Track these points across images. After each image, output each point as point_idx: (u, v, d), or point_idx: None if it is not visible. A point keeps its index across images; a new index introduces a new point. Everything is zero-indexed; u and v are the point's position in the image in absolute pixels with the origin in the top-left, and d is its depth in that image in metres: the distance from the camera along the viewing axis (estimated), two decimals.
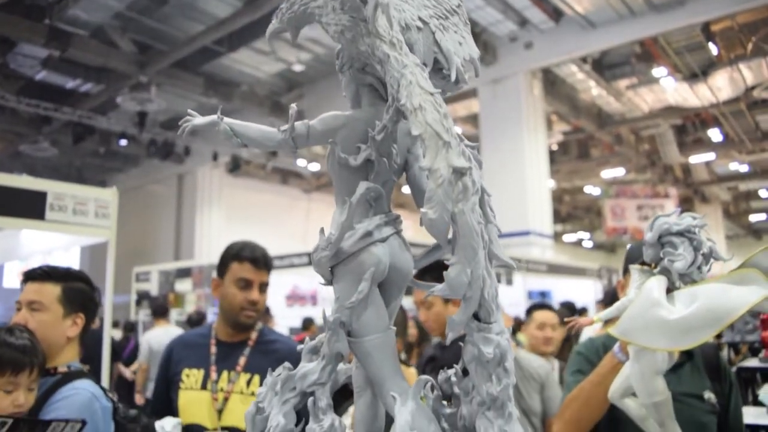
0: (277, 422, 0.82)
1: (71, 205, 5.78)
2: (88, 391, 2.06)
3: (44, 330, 2.10)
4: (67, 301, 2.14)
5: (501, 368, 0.85)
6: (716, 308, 1.34)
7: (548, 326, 4.03)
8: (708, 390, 2.02)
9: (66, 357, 2.19)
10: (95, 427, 2.01)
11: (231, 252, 2.58)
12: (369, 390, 0.92)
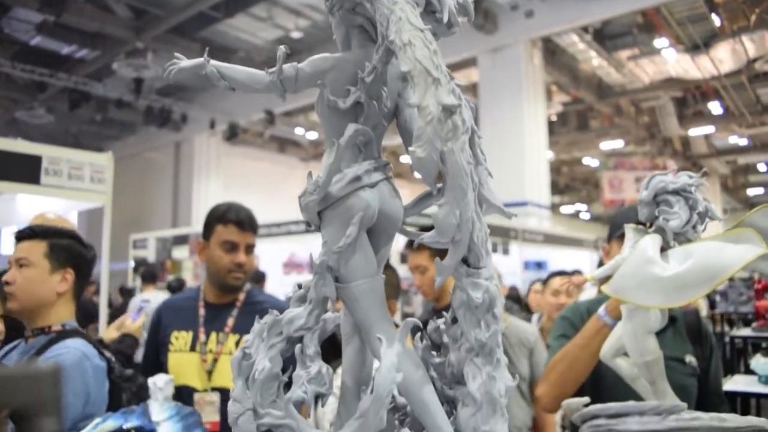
0: (262, 366, 0.81)
1: (66, 169, 5.75)
2: (79, 350, 2.04)
3: (32, 285, 2.10)
4: (53, 257, 2.14)
5: (490, 314, 0.84)
6: (711, 265, 1.33)
7: (563, 293, 4.04)
8: (689, 354, 2.05)
9: (60, 315, 2.18)
10: (85, 385, 1.99)
11: (215, 214, 2.57)
12: (357, 337, 0.92)
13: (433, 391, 0.83)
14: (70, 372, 1.96)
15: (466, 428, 0.82)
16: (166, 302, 2.83)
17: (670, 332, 2.09)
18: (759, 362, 3.21)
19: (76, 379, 1.98)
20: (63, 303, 2.19)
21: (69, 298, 2.21)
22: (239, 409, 0.80)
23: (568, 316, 2.27)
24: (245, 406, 0.79)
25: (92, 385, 2.01)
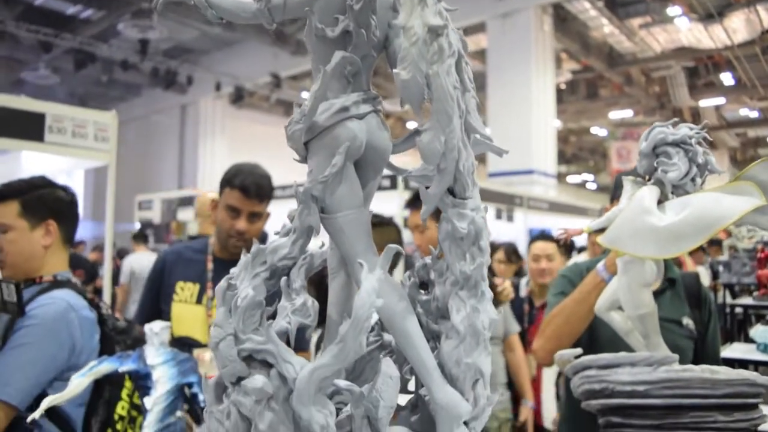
0: (245, 294, 0.81)
1: (70, 127, 5.75)
2: (65, 300, 1.98)
3: (15, 248, 2.07)
4: (28, 214, 2.09)
5: (476, 247, 0.83)
6: (707, 215, 1.32)
7: (543, 257, 4.03)
8: (687, 316, 2.05)
9: (51, 266, 2.13)
10: (71, 336, 1.95)
11: (226, 176, 2.54)
12: (343, 271, 0.91)
13: (417, 324, 0.83)
14: (55, 322, 1.92)
15: (448, 360, 0.82)
16: (171, 250, 2.80)
17: (669, 294, 2.09)
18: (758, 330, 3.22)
19: (61, 329, 1.93)
20: (52, 253, 2.14)
21: (58, 248, 2.16)
22: (220, 333, 0.79)
23: (567, 275, 2.28)
24: (226, 331, 0.79)
25: (78, 336, 1.96)
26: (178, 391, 1.69)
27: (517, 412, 3.60)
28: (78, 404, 1.99)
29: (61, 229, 2.16)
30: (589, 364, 1.52)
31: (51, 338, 1.92)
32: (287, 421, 0.75)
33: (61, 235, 2.17)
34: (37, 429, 1.90)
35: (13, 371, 1.83)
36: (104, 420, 2.01)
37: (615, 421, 1.48)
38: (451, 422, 0.80)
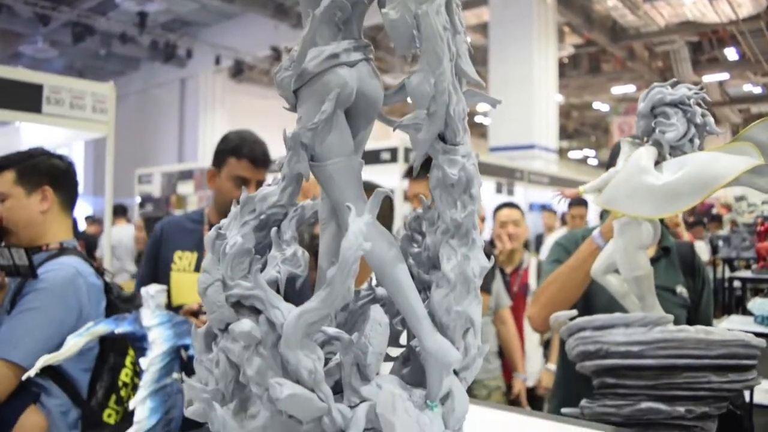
0: (234, 242, 0.80)
1: (68, 98, 5.72)
2: (73, 267, 2.04)
3: (13, 214, 2.11)
4: (23, 181, 2.13)
5: (466, 195, 0.82)
6: (705, 174, 1.31)
7: (509, 223, 4.09)
8: (680, 285, 2.06)
9: (55, 233, 2.18)
10: (78, 302, 1.99)
11: (229, 145, 2.52)
12: (333, 222, 0.90)
13: (407, 272, 0.82)
14: (63, 287, 1.96)
15: (439, 309, 0.82)
16: (168, 220, 2.82)
17: (663, 263, 2.09)
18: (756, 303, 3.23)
19: (69, 295, 1.97)
20: (53, 220, 2.18)
21: (58, 214, 2.19)
22: (208, 279, 0.79)
23: (563, 243, 2.27)
24: (214, 277, 0.79)
25: (86, 302, 2.01)
26: (174, 353, 1.69)
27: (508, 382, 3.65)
28: (83, 369, 2.03)
29: (58, 195, 2.18)
30: (584, 325, 1.52)
31: (59, 303, 1.95)
32: (275, 366, 0.75)
33: (60, 201, 2.19)
34: (43, 392, 1.93)
35: (22, 334, 1.86)
36: (109, 386, 2.04)
37: (609, 382, 1.48)
38: (441, 370, 0.80)
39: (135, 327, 1.69)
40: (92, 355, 2.07)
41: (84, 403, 2.01)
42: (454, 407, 0.81)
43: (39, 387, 1.93)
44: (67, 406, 1.98)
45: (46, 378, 1.94)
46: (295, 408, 0.72)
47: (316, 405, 0.72)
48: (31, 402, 1.88)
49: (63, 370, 1.97)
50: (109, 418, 2.01)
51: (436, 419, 0.79)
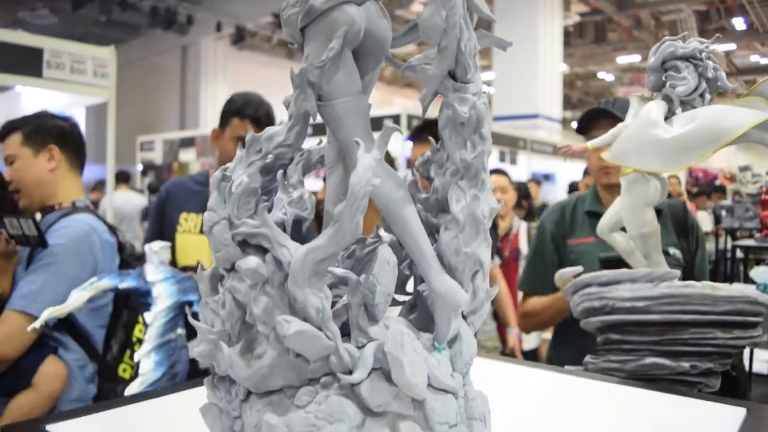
0: (240, 181, 0.79)
1: (69, 63, 5.69)
2: (87, 224, 2.09)
3: (21, 175, 2.16)
4: (30, 141, 2.17)
5: (477, 135, 0.80)
6: (714, 127, 1.29)
7: (498, 189, 4.12)
8: (673, 246, 2.05)
9: (66, 192, 2.22)
10: (93, 258, 2.04)
11: (234, 106, 2.52)
12: (341, 165, 0.89)
13: (415, 212, 0.81)
14: (78, 243, 1.99)
15: (447, 250, 0.81)
16: (174, 182, 2.83)
17: None
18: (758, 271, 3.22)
19: (84, 250, 2.02)
20: (62, 178, 2.21)
21: (66, 172, 2.23)
22: (214, 217, 0.78)
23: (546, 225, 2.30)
24: (220, 215, 0.78)
25: (101, 258, 2.06)
26: (178, 309, 1.70)
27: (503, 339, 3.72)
28: (99, 326, 2.08)
29: (64, 154, 2.22)
30: (590, 281, 1.52)
31: (75, 258, 1.99)
32: (282, 305, 0.74)
33: (67, 160, 2.23)
34: (61, 347, 1.97)
35: (40, 288, 1.90)
36: (123, 342, 2.11)
37: (613, 338, 1.48)
38: (449, 312, 0.79)
39: (139, 282, 1.69)
40: (107, 311, 2.12)
41: (100, 358, 2.06)
42: (461, 350, 0.81)
43: (56, 341, 1.98)
44: (84, 360, 2.03)
45: (63, 333, 1.99)
46: (302, 345, 0.71)
47: (323, 343, 0.72)
48: (49, 354, 1.93)
49: (79, 325, 2.02)
50: (124, 373, 2.06)
51: (444, 361, 0.79)
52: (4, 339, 1.83)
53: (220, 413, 0.80)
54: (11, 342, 1.84)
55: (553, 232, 2.24)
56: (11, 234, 1.91)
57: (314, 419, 0.72)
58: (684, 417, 1.01)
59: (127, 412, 0.96)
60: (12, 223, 1.90)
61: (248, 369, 0.76)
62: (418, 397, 0.74)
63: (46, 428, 0.88)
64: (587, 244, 2.17)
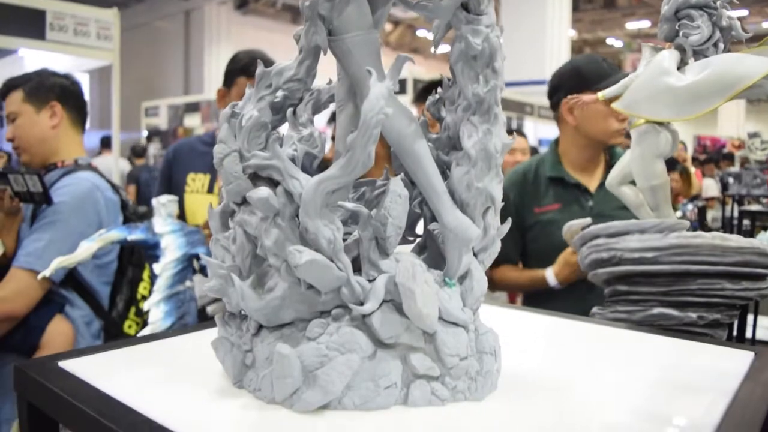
0: (250, 115, 0.78)
1: (72, 25, 5.66)
2: (90, 181, 2.08)
3: (24, 132, 2.15)
4: (32, 98, 2.16)
5: (489, 69, 0.79)
6: (728, 74, 1.27)
7: (518, 151, 4.10)
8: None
9: (69, 149, 2.22)
10: (98, 215, 2.04)
11: (239, 65, 2.50)
12: (351, 102, 0.88)
13: (427, 147, 0.80)
14: (82, 200, 1.99)
15: (459, 186, 0.80)
16: (181, 142, 2.83)
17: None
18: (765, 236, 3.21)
19: (88, 207, 2.02)
20: (64, 135, 2.21)
21: (68, 129, 2.22)
22: (225, 149, 0.78)
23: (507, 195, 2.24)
24: (231, 147, 0.77)
25: (104, 215, 2.06)
26: (186, 261, 1.70)
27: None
28: (104, 282, 2.09)
29: (67, 111, 2.21)
30: (598, 233, 1.51)
31: (79, 216, 1.99)
32: (293, 238, 0.74)
33: (69, 118, 2.22)
34: (68, 303, 1.99)
35: (45, 246, 1.90)
36: (128, 298, 2.13)
37: (621, 290, 1.48)
38: (460, 246, 0.79)
39: (147, 235, 1.70)
40: (111, 268, 2.13)
41: (106, 315, 2.07)
42: (472, 286, 0.81)
43: (63, 298, 1.99)
44: (90, 317, 2.05)
45: (69, 290, 2.00)
46: (313, 276, 0.71)
47: (334, 273, 0.72)
48: (57, 311, 1.94)
49: (85, 282, 2.03)
50: (129, 329, 2.08)
51: (455, 296, 0.79)
52: (12, 296, 1.84)
53: (231, 347, 0.81)
54: (19, 299, 1.86)
55: (517, 201, 2.22)
56: (16, 191, 1.91)
57: (326, 350, 0.72)
58: (691, 360, 1.01)
59: (139, 350, 0.97)
60: (17, 179, 1.90)
61: (260, 301, 0.76)
62: (428, 328, 0.74)
63: (59, 365, 0.89)
64: (553, 212, 2.17)
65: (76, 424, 0.77)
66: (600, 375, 0.91)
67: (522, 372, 0.88)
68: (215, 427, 0.69)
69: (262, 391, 0.76)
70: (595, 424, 0.71)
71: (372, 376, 0.73)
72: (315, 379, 0.71)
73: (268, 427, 0.70)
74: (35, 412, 0.86)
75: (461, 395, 0.76)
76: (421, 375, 0.75)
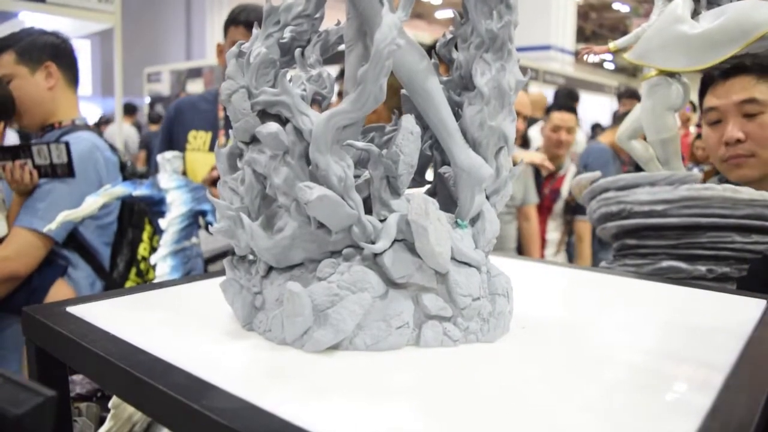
0: (258, 52, 0.76)
1: None
2: (89, 141, 2.07)
3: (20, 94, 2.10)
4: (24, 59, 2.11)
5: (503, 4, 0.77)
6: (744, 21, 1.24)
7: (563, 129, 3.94)
8: None
9: (65, 110, 2.19)
10: (98, 174, 2.03)
11: (230, 17, 2.51)
12: (360, 42, 0.85)
13: (438, 85, 0.78)
14: (82, 160, 1.98)
15: (471, 125, 0.79)
16: (182, 100, 2.81)
17: None
18: None
19: (88, 167, 2.01)
20: (61, 96, 2.18)
21: (64, 90, 2.19)
22: (233, 85, 0.76)
23: None
24: (239, 83, 0.75)
25: (105, 175, 2.05)
26: (192, 217, 1.70)
27: None
28: (105, 243, 2.09)
29: (61, 71, 2.18)
30: (608, 186, 1.50)
31: (80, 175, 1.98)
32: (303, 176, 0.73)
33: (64, 77, 2.19)
34: (70, 265, 1.99)
35: (47, 206, 1.90)
36: (129, 259, 2.12)
37: (630, 243, 1.47)
38: (473, 185, 0.77)
39: (153, 190, 1.69)
40: (112, 229, 2.12)
41: (107, 275, 2.07)
42: (485, 227, 0.80)
43: (66, 259, 1.99)
44: (93, 278, 2.05)
45: (72, 251, 2.00)
46: (324, 212, 0.70)
47: (345, 211, 0.71)
48: (60, 272, 1.94)
49: (87, 243, 2.03)
50: None
51: (467, 236, 0.78)
52: (14, 255, 1.84)
53: (240, 288, 0.80)
54: (22, 259, 1.86)
55: None
56: (36, 164, 1.89)
57: (337, 288, 0.71)
58: (702, 307, 1.00)
59: (147, 296, 0.97)
60: (41, 151, 1.88)
61: (269, 241, 0.75)
62: (441, 268, 0.73)
63: (68, 309, 0.88)
64: None
65: (85, 366, 0.77)
66: (612, 319, 0.90)
67: (534, 316, 0.87)
68: (225, 365, 0.69)
69: (273, 332, 0.75)
70: (608, 364, 0.71)
71: (383, 316, 0.72)
72: (326, 318, 0.70)
73: (278, 366, 0.69)
74: (43, 355, 0.86)
75: (473, 336, 0.76)
76: (433, 315, 0.74)
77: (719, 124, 1.62)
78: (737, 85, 1.59)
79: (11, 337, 1.98)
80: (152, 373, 0.66)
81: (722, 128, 1.61)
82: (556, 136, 3.94)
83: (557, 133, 3.93)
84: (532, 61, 11.30)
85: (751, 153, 1.59)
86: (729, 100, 1.60)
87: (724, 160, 1.63)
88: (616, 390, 0.63)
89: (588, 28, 23.44)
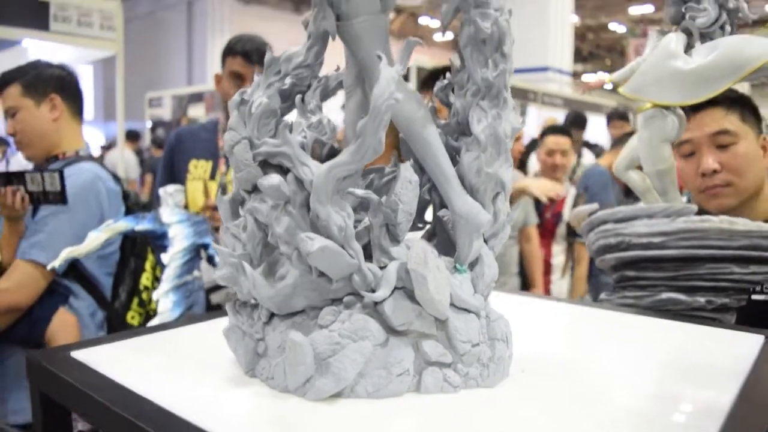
0: (260, 102, 0.78)
1: (75, 16, 5.68)
2: (92, 171, 2.08)
3: (25, 126, 2.13)
4: (30, 91, 2.13)
5: (498, 53, 0.79)
6: (737, 56, 1.26)
7: (558, 152, 3.95)
8: None
9: (70, 141, 2.21)
10: (99, 205, 2.04)
11: (227, 47, 2.55)
12: (359, 88, 0.87)
13: (436, 133, 0.80)
14: (83, 191, 1.99)
15: (468, 172, 0.80)
16: (183, 129, 2.84)
17: None
18: None
19: (90, 198, 2.02)
20: (65, 127, 2.20)
21: (68, 121, 2.21)
22: (235, 137, 0.77)
23: None
24: (241, 135, 0.77)
25: (106, 206, 2.06)
26: (194, 251, 1.71)
27: None
28: (107, 273, 2.10)
29: (66, 102, 2.20)
30: (606, 218, 1.51)
31: (81, 206, 1.99)
32: (304, 225, 0.74)
33: (69, 109, 2.21)
34: (71, 295, 2.00)
35: (48, 237, 1.91)
36: (131, 289, 2.13)
37: (629, 275, 1.48)
38: (471, 231, 0.79)
39: (155, 224, 1.70)
40: (114, 259, 2.13)
41: (109, 306, 2.08)
42: (483, 272, 0.81)
43: (67, 289, 1.99)
44: (94, 308, 2.05)
45: (73, 281, 2.00)
46: (325, 263, 0.71)
47: (346, 260, 0.72)
48: (61, 302, 1.95)
49: (88, 273, 2.03)
50: (132, 320, 2.08)
51: (466, 281, 0.79)
52: (15, 287, 1.85)
53: (242, 335, 0.81)
54: (23, 291, 1.86)
55: None
56: (29, 191, 1.90)
57: (338, 337, 0.72)
58: (701, 343, 1.01)
59: (149, 340, 0.98)
60: (34, 178, 1.89)
61: (271, 289, 0.76)
62: (440, 315, 0.74)
63: (71, 354, 0.89)
64: None
65: (88, 412, 0.78)
66: (611, 360, 0.91)
67: (533, 358, 0.88)
68: (228, 414, 0.70)
69: (275, 380, 0.76)
70: (607, 408, 0.71)
71: (384, 364, 0.73)
72: (328, 367, 0.71)
73: (281, 414, 0.70)
74: (47, 400, 0.86)
75: (473, 382, 0.76)
76: (434, 362, 0.75)
77: (693, 156, 1.65)
78: (708, 118, 1.62)
79: (12, 366, 1.98)
80: (156, 423, 0.66)
81: (696, 160, 1.64)
82: (552, 160, 3.95)
83: (552, 156, 3.95)
84: (530, 82, 11.38)
85: (727, 182, 1.62)
86: (702, 132, 1.63)
87: (701, 191, 1.66)
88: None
89: (585, 49, 23.62)
